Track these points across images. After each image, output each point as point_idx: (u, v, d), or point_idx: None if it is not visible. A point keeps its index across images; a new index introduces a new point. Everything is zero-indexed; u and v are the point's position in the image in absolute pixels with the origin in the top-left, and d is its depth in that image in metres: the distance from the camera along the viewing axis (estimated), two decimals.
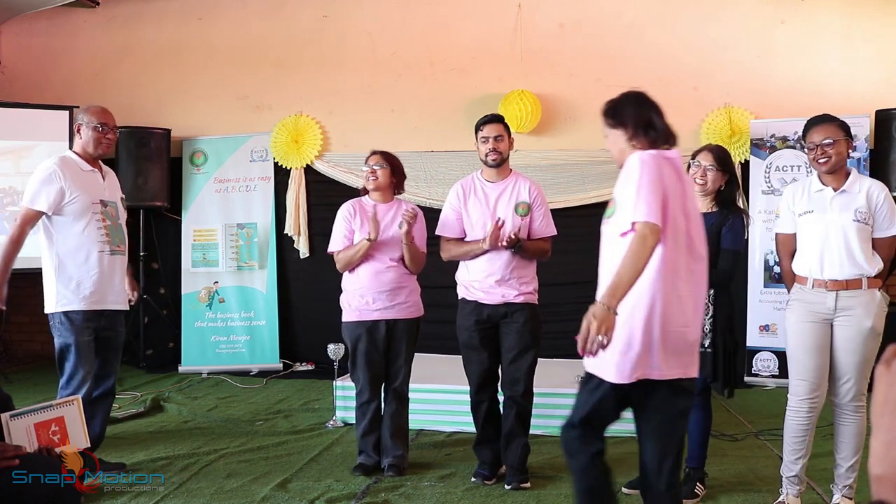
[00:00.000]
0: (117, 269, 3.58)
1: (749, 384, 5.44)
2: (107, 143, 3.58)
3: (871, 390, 0.91)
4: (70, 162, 3.54)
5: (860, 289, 2.95)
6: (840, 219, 2.97)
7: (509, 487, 3.41)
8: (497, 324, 3.45)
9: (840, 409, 3.04)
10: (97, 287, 3.49)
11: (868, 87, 5.62)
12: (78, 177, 3.50)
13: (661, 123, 2.38)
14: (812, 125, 3.06)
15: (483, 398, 3.52)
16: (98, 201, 3.54)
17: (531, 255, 3.43)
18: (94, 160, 3.60)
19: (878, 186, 3.01)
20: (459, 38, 6.11)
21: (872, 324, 2.94)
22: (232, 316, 6.16)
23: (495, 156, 3.43)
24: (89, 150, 3.56)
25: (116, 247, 3.57)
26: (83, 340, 3.47)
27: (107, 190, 3.62)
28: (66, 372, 3.47)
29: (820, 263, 3.00)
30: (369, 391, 3.62)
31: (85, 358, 3.47)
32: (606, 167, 5.83)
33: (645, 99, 2.42)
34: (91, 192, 3.52)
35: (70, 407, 2.42)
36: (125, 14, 6.51)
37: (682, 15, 5.91)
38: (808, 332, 3.02)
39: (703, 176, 3.21)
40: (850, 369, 2.98)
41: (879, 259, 2.99)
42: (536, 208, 3.45)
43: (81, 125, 3.58)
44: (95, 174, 3.60)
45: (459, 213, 3.49)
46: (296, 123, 6.18)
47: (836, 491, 3.10)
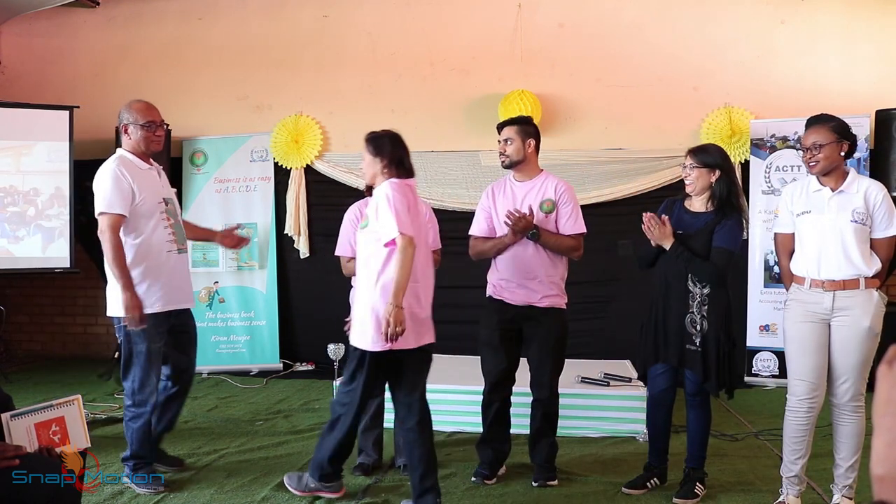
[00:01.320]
0: (183, 268, 3.52)
1: (749, 384, 5.44)
2: (157, 140, 3.48)
3: (871, 390, 0.91)
4: (128, 162, 3.40)
5: (857, 289, 2.95)
6: (837, 219, 2.96)
7: (536, 485, 3.44)
8: (521, 327, 3.46)
9: (838, 410, 3.04)
10: (168, 288, 3.39)
11: (868, 87, 5.61)
12: (139, 175, 3.38)
13: (408, 163, 3.10)
14: (806, 126, 3.06)
15: (495, 398, 3.53)
16: (161, 200, 3.44)
17: (554, 247, 3.42)
18: (148, 157, 3.48)
19: (876, 187, 3.00)
20: (459, 38, 6.11)
21: (870, 324, 2.94)
22: (232, 316, 6.16)
23: (502, 158, 3.52)
24: (141, 148, 3.44)
25: (182, 245, 3.51)
26: (154, 347, 3.36)
27: (164, 187, 3.53)
28: (137, 378, 3.36)
29: (817, 264, 3.00)
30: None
31: (154, 364, 3.37)
32: (606, 167, 5.84)
33: (400, 141, 3.11)
34: (154, 191, 3.42)
35: (70, 407, 2.41)
36: (125, 14, 6.51)
37: (682, 15, 5.91)
38: (806, 332, 3.03)
39: (687, 176, 3.24)
40: (848, 369, 2.98)
41: (877, 259, 2.99)
42: (563, 205, 3.46)
43: (128, 125, 3.44)
44: (153, 171, 3.49)
45: (489, 212, 3.55)
46: (296, 123, 6.18)
47: (836, 491, 3.10)
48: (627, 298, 5.63)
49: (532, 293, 3.42)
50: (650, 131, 5.82)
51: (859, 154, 5.37)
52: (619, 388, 4.33)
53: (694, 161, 3.22)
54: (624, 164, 5.81)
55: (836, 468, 3.10)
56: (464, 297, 4.81)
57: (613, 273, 5.73)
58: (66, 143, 5.85)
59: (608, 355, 5.19)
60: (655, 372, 3.29)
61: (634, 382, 4.35)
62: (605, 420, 4.23)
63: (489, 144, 5.50)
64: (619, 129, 5.88)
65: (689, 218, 3.24)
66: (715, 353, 3.15)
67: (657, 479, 3.40)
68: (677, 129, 5.79)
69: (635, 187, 5.76)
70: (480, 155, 5.91)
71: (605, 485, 3.45)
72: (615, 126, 5.89)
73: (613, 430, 4.23)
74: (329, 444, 3.14)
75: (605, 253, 5.70)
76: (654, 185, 5.70)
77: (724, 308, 3.19)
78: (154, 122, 3.48)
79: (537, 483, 3.44)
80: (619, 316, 5.60)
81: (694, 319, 3.17)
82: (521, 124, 3.55)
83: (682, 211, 3.28)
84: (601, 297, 5.75)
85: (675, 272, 3.20)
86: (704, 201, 3.24)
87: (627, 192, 5.78)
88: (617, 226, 5.72)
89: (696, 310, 3.17)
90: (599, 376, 4.42)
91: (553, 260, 3.45)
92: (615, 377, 4.44)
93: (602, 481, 3.50)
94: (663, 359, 3.24)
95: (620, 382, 4.40)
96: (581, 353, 5.25)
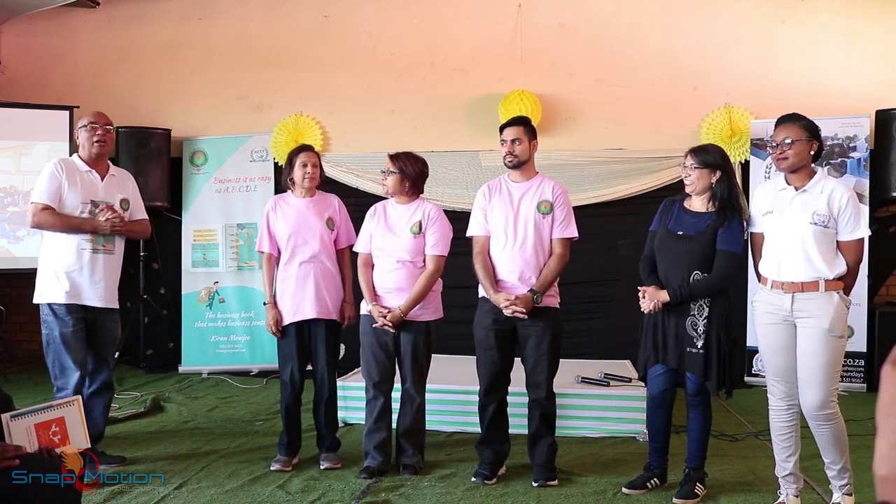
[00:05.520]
0: (101, 267, 3.64)
1: (749, 384, 5.44)
2: (98, 139, 3.66)
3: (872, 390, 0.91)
4: (69, 162, 3.69)
5: (816, 291, 2.92)
6: (798, 221, 2.94)
7: (536, 485, 3.43)
8: (515, 326, 3.45)
9: (811, 420, 2.98)
10: (77, 284, 3.58)
11: (868, 87, 5.61)
12: (74, 176, 3.63)
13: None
14: (777, 123, 3.06)
15: (492, 399, 3.52)
16: (89, 201, 3.63)
17: (555, 278, 3.45)
18: (93, 161, 3.69)
19: (841, 189, 2.96)
20: (459, 38, 6.11)
21: (829, 326, 2.89)
22: (232, 316, 6.16)
23: (511, 158, 3.50)
24: (85, 149, 3.68)
25: (101, 246, 3.65)
26: (66, 332, 3.57)
27: (103, 191, 3.69)
28: (50, 362, 3.60)
29: (777, 265, 2.99)
30: (372, 389, 3.61)
31: (70, 347, 3.57)
32: (606, 167, 5.84)
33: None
34: (83, 192, 3.62)
35: (70, 407, 2.42)
36: (125, 14, 6.51)
37: (682, 15, 5.91)
38: (773, 333, 3.02)
39: (687, 176, 3.23)
40: (812, 372, 2.92)
41: (842, 261, 2.95)
42: (558, 208, 3.47)
43: (77, 130, 3.73)
44: (92, 174, 3.68)
45: (486, 211, 3.55)
46: (296, 123, 6.18)
47: (836, 490, 3.09)
48: (627, 298, 5.59)
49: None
50: (650, 131, 5.82)
51: (859, 154, 5.37)
52: (619, 388, 4.33)
53: (695, 161, 3.21)
54: (624, 164, 5.81)
55: (828, 470, 3.08)
56: (464, 297, 4.80)
57: (613, 273, 5.72)
58: (66, 143, 5.85)
59: (608, 355, 5.19)
60: (656, 372, 3.29)
61: (634, 382, 4.35)
62: (604, 420, 4.23)
63: (489, 144, 5.51)
64: (619, 129, 5.88)
65: (690, 218, 3.24)
66: (716, 353, 3.14)
67: (657, 479, 3.40)
68: (677, 129, 5.80)
69: (635, 187, 5.76)
70: (480, 155, 5.90)
71: (605, 485, 3.45)
72: (615, 126, 5.89)
73: (613, 430, 4.22)
74: None
75: (605, 253, 5.70)
76: (654, 185, 5.70)
77: (724, 308, 3.18)
78: (95, 122, 3.69)
79: (537, 483, 3.44)
80: (619, 316, 5.59)
81: (695, 322, 3.17)
82: (527, 124, 3.56)
83: (682, 211, 3.28)
84: (601, 297, 5.75)
85: (676, 274, 3.19)
86: (705, 201, 3.24)
87: (627, 192, 5.78)
88: (617, 226, 5.72)
89: (697, 312, 3.17)
90: (599, 376, 4.42)
91: (546, 261, 3.45)
92: (615, 377, 4.44)
93: (602, 481, 3.49)
94: (663, 360, 3.24)
95: (620, 382, 4.39)
96: (581, 353, 5.26)
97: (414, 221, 3.60)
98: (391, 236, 3.61)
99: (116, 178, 3.78)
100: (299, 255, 3.68)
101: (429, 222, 3.60)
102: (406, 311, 3.52)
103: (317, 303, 3.65)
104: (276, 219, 3.75)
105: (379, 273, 3.62)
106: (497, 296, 3.40)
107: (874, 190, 5.37)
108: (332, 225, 3.75)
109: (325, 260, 3.70)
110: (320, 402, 3.79)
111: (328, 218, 3.74)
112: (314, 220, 3.71)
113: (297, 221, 3.71)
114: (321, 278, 3.67)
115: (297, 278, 3.67)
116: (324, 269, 3.69)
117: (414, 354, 3.59)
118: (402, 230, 3.60)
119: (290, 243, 3.69)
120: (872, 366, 5.16)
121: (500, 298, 3.38)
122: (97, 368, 3.72)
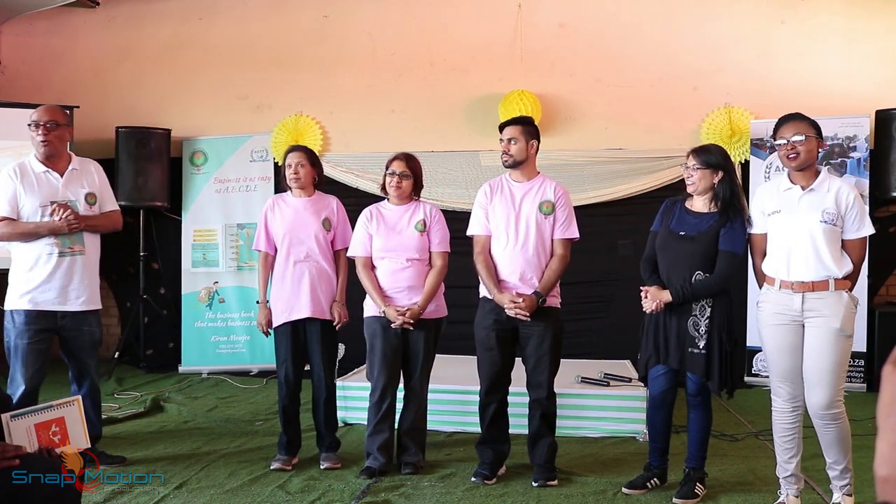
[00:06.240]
0: (71, 270, 3.53)
1: (749, 384, 5.44)
2: (41, 138, 3.49)
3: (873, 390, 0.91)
4: (24, 165, 3.55)
5: (827, 290, 2.92)
6: (807, 219, 2.94)
7: (536, 485, 3.43)
8: (516, 326, 3.45)
9: (817, 420, 2.98)
10: (42, 289, 3.47)
11: (868, 87, 5.61)
12: (30, 179, 3.51)
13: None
14: (783, 122, 3.05)
15: (492, 399, 3.52)
16: (48, 203, 3.49)
17: (557, 279, 3.46)
18: (48, 161, 3.55)
19: (847, 187, 2.97)
20: (459, 38, 6.11)
21: (840, 326, 2.89)
22: (232, 316, 6.16)
23: (506, 157, 3.51)
24: (37, 150, 3.55)
25: (69, 248, 3.52)
26: (21, 344, 3.47)
27: (63, 189, 3.55)
28: (10, 370, 3.50)
29: (786, 264, 2.98)
30: (381, 390, 3.60)
31: (23, 361, 3.46)
32: (606, 167, 5.84)
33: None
34: (42, 194, 3.50)
35: (70, 407, 2.41)
36: (125, 14, 6.51)
37: (682, 15, 5.91)
38: (780, 333, 3.01)
39: (689, 177, 3.23)
40: (821, 373, 2.91)
41: (848, 260, 2.95)
42: (559, 209, 3.47)
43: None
44: (50, 174, 3.55)
45: (487, 210, 3.54)
46: (296, 123, 6.18)
47: (836, 490, 3.09)
48: (627, 298, 5.59)
49: (527, 293, 3.41)
50: (650, 131, 5.82)
51: (859, 154, 5.37)
52: (619, 388, 4.33)
53: (697, 162, 3.21)
54: (624, 164, 5.81)
55: (829, 470, 3.08)
56: (464, 297, 4.80)
57: (613, 273, 5.72)
58: (66, 144, 5.83)
59: (608, 355, 5.19)
60: (656, 372, 3.29)
61: (634, 382, 4.35)
62: (604, 420, 4.23)
63: (489, 144, 5.51)
64: (619, 129, 5.88)
65: (692, 219, 3.24)
66: (718, 354, 3.14)
67: (657, 479, 3.40)
68: (677, 129, 5.80)
69: (635, 187, 5.76)
70: (480, 155, 5.91)
71: (605, 485, 3.45)
72: (615, 126, 5.89)
73: (613, 430, 4.22)
74: None
75: (605, 253, 5.70)
76: (654, 185, 5.70)
77: (726, 308, 3.18)
78: (35, 121, 3.52)
79: (537, 483, 3.44)
80: (619, 316, 5.59)
81: (697, 322, 3.17)
82: (525, 124, 3.56)
83: (683, 211, 3.28)
84: (601, 297, 5.75)
85: (678, 274, 3.19)
86: (707, 201, 3.24)
87: (627, 192, 5.78)
88: (617, 226, 5.72)
89: (699, 312, 3.16)
90: (599, 376, 4.42)
91: (547, 262, 3.46)
92: (615, 377, 4.44)
93: (602, 481, 3.49)
94: (664, 360, 3.24)
95: (620, 382, 4.39)
96: (581, 353, 5.25)
97: (417, 220, 3.62)
98: (397, 236, 3.61)
99: (79, 171, 3.62)
100: (294, 255, 3.68)
101: (432, 220, 3.63)
102: (424, 308, 3.54)
103: (311, 302, 3.65)
104: (273, 218, 3.75)
105: (386, 273, 3.61)
106: (501, 296, 3.40)
107: (874, 190, 5.37)
108: (328, 225, 3.74)
109: (320, 260, 3.70)
110: (319, 401, 3.79)
111: (325, 218, 3.73)
112: (310, 220, 3.71)
113: (293, 220, 3.71)
114: (316, 278, 3.67)
115: (292, 277, 3.67)
116: (319, 269, 3.69)
117: (425, 352, 3.61)
118: (406, 229, 3.61)
119: (285, 242, 3.69)
120: (872, 366, 5.16)
121: (504, 298, 3.38)
122: (80, 374, 3.64)
